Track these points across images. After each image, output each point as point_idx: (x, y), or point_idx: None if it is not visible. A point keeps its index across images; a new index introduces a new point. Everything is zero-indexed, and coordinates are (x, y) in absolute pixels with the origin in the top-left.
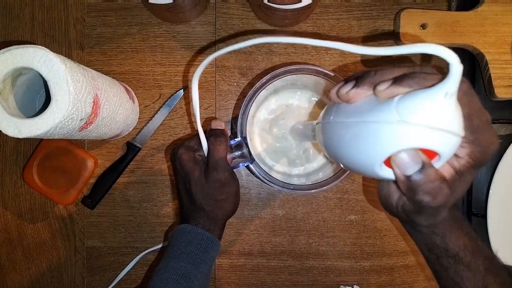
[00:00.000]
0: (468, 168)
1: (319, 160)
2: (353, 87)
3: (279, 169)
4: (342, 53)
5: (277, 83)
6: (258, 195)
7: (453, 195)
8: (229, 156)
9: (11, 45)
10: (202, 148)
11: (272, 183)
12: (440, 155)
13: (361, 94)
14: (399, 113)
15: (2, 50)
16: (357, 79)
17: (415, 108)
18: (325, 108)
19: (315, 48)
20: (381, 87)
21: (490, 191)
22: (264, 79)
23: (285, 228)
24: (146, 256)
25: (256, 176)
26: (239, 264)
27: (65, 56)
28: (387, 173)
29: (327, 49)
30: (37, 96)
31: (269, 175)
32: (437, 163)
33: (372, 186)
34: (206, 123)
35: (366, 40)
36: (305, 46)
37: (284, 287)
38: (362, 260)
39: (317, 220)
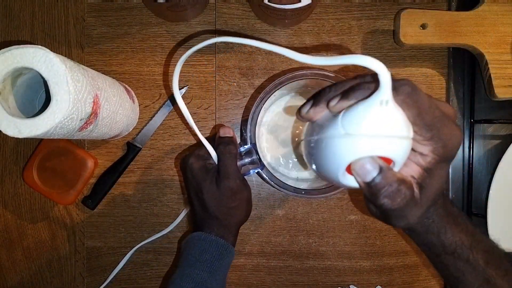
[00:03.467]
0: (435, 164)
1: None
2: (311, 107)
3: (286, 173)
4: (342, 53)
5: (284, 88)
6: (258, 195)
7: (426, 192)
8: (239, 163)
9: (11, 45)
10: (212, 156)
11: (284, 188)
12: (392, 159)
13: (318, 113)
14: (343, 127)
15: (2, 50)
16: (315, 97)
17: (355, 120)
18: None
19: (315, 48)
20: (332, 103)
21: (490, 191)
22: (272, 85)
23: (285, 228)
24: (146, 256)
25: (267, 182)
26: (239, 264)
27: (65, 56)
28: (351, 182)
29: (327, 49)
30: (37, 96)
31: (280, 181)
32: (395, 167)
33: None
34: (212, 130)
35: (366, 40)
36: (305, 46)
37: (284, 287)
38: (362, 260)
39: (317, 220)
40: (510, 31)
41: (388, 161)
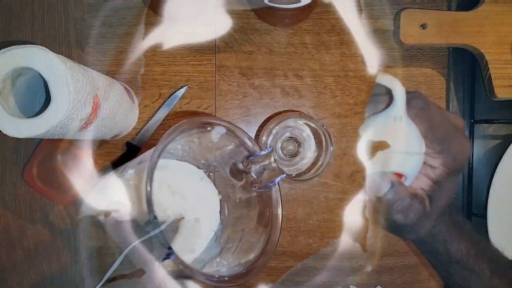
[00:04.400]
0: (444, 177)
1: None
2: None
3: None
4: (343, 53)
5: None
6: None
7: (436, 204)
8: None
9: (11, 45)
10: None
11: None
12: (404, 174)
13: None
14: None
15: (2, 50)
16: None
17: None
18: None
19: (315, 47)
20: None
21: (490, 191)
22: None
23: (285, 228)
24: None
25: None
26: None
27: (65, 56)
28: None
29: (327, 48)
30: (37, 96)
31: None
32: (407, 181)
33: None
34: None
35: (366, 40)
36: (305, 46)
37: (284, 287)
38: (362, 260)
39: (317, 221)
40: (510, 31)
41: (399, 175)
